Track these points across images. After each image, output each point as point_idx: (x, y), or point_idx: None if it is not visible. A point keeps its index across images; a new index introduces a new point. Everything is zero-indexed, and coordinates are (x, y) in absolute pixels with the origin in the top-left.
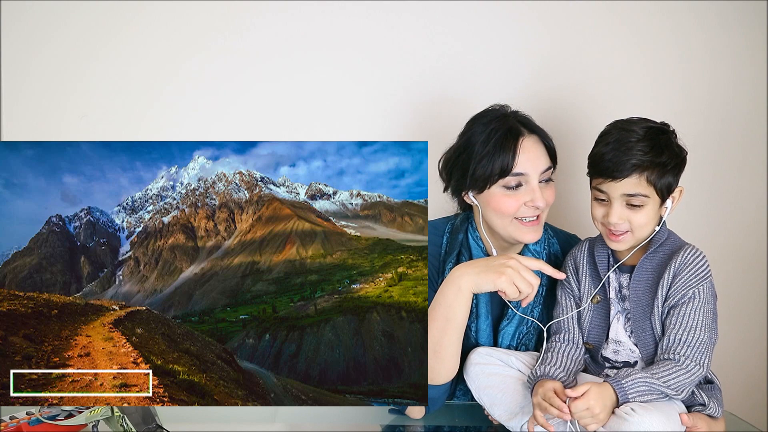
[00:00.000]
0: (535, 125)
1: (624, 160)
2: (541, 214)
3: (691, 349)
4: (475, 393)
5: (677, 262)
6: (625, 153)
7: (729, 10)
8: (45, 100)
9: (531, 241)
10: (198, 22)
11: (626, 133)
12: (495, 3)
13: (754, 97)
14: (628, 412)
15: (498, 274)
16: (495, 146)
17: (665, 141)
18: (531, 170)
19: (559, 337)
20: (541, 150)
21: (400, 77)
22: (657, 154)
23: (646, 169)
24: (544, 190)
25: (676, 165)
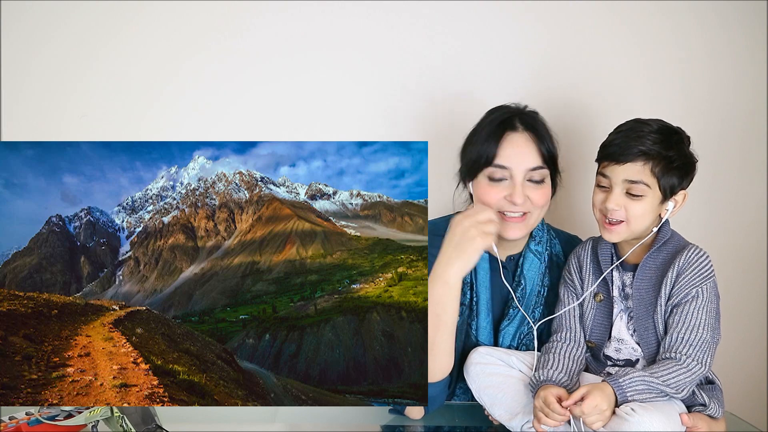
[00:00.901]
0: (537, 125)
1: (632, 145)
2: (529, 214)
3: (693, 348)
4: (475, 393)
5: (681, 261)
6: (634, 139)
7: (729, 10)
8: (45, 100)
9: (512, 238)
10: (198, 23)
11: (640, 124)
12: (495, 3)
13: (754, 97)
14: (629, 412)
15: (470, 245)
16: (485, 135)
17: (676, 140)
18: (514, 165)
19: (560, 335)
20: (530, 148)
21: (400, 77)
22: (665, 147)
23: (652, 158)
24: (532, 190)
25: (683, 165)
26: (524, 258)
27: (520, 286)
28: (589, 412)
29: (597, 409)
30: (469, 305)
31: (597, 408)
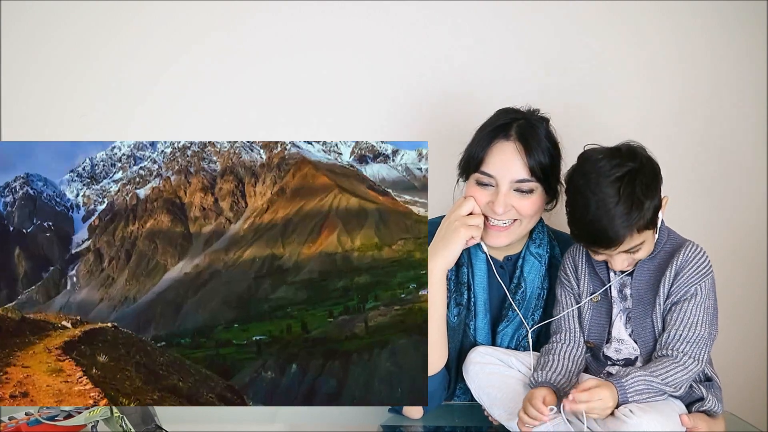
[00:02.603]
0: (532, 135)
1: (612, 235)
2: (516, 222)
3: (690, 346)
4: (474, 392)
5: (679, 260)
6: (610, 228)
7: (729, 10)
8: (45, 100)
9: (493, 245)
10: (198, 22)
11: (602, 197)
12: (495, 3)
13: (754, 97)
14: (626, 413)
15: (454, 236)
16: (479, 138)
17: (640, 183)
18: (499, 175)
19: (559, 336)
20: (517, 159)
21: (400, 77)
22: (638, 208)
23: (634, 226)
24: (518, 200)
25: (654, 200)
26: (524, 260)
27: (520, 288)
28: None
29: (602, 403)
30: (467, 305)
31: (602, 402)
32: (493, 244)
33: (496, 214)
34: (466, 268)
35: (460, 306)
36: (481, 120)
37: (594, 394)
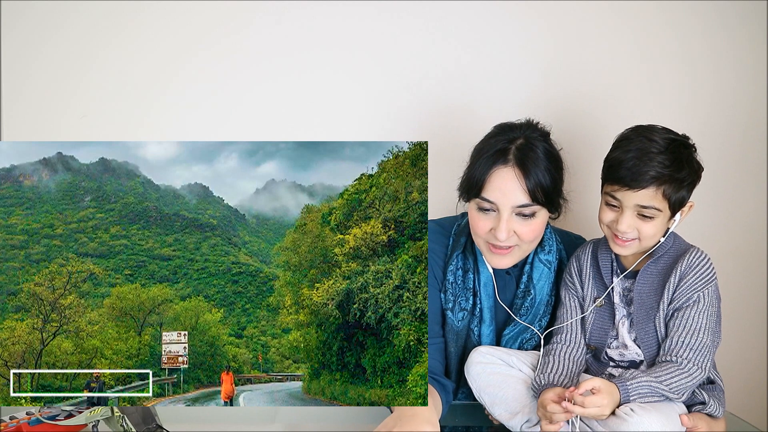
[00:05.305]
0: (529, 158)
1: (644, 171)
2: (515, 247)
3: (693, 352)
4: (476, 392)
5: (683, 266)
6: (645, 164)
7: (729, 11)
8: (45, 100)
9: (497, 267)
10: (199, 22)
11: (648, 142)
12: (497, 5)
13: (754, 97)
14: (628, 412)
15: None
16: (478, 163)
17: (687, 156)
18: (501, 202)
19: (560, 337)
20: (517, 185)
21: (401, 77)
22: (677, 169)
23: (664, 182)
24: (520, 225)
25: (693, 181)
26: (532, 267)
27: (529, 295)
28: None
29: (599, 410)
30: (471, 311)
31: (600, 410)
32: (497, 266)
33: (498, 240)
34: (473, 273)
35: (464, 311)
36: (481, 120)
37: (592, 402)
